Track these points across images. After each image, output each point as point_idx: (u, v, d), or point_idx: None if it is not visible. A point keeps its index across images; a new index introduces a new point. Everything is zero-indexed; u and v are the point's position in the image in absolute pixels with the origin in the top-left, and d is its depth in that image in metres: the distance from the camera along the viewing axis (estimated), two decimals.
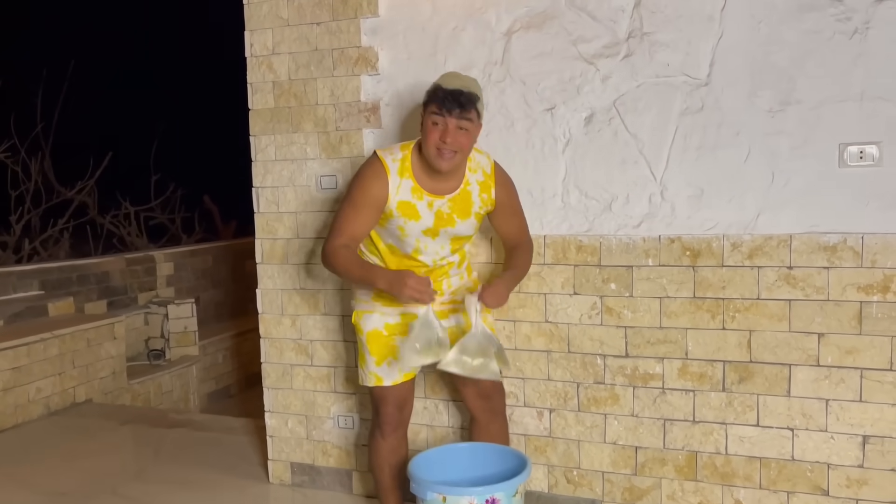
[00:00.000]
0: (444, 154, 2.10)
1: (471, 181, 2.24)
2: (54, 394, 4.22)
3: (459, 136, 2.09)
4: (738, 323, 2.35)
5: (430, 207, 2.20)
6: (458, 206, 2.23)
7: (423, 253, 2.26)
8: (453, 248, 2.29)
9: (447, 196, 2.21)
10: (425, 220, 2.21)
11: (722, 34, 2.32)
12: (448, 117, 2.08)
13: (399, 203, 2.19)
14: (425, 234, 2.23)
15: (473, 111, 2.11)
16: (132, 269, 5.55)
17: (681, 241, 2.41)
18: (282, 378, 3.01)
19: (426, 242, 2.24)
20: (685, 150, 2.39)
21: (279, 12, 2.84)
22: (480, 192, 2.25)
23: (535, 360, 2.60)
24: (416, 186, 2.19)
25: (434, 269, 2.29)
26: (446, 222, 2.23)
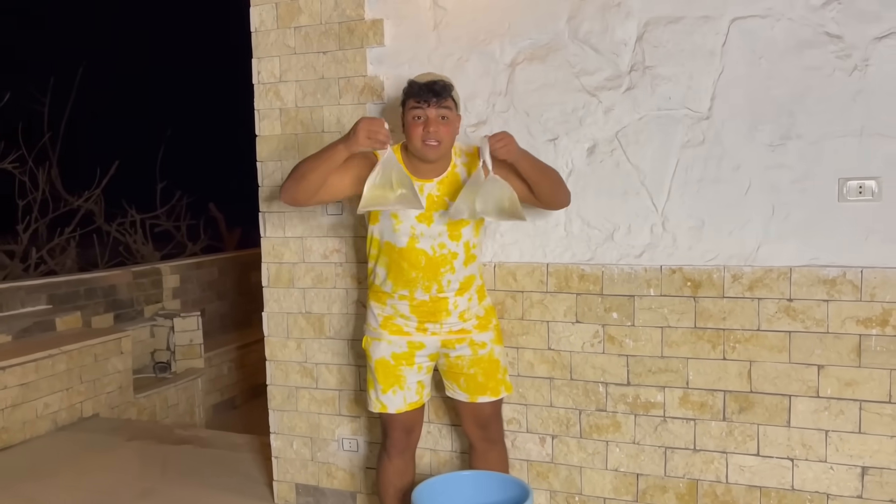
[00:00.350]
0: (429, 143, 2.19)
1: (457, 164, 2.32)
2: (62, 409, 4.27)
3: (441, 126, 2.19)
4: (738, 353, 2.38)
5: (421, 192, 2.25)
6: (448, 189, 2.28)
7: (419, 241, 2.28)
8: (451, 232, 2.28)
9: (436, 179, 2.28)
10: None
11: (723, 69, 2.35)
12: (427, 108, 2.17)
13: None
14: (419, 219, 2.27)
15: (450, 99, 2.21)
16: (138, 281, 5.60)
17: (682, 271, 2.43)
18: (287, 400, 3.04)
19: (421, 229, 2.27)
20: (686, 182, 2.42)
21: (286, 41, 2.88)
22: (468, 171, 2.29)
23: (538, 386, 2.63)
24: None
25: (435, 258, 2.28)
26: (438, 205, 2.27)
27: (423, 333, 2.35)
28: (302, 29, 2.85)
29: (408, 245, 2.28)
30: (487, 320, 2.40)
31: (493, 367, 2.39)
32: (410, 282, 2.31)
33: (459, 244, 2.31)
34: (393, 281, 2.33)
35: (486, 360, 2.38)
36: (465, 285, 2.35)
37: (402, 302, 2.34)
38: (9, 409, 3.96)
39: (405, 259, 2.29)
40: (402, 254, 2.30)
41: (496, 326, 2.44)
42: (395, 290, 2.33)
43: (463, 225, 2.30)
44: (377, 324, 2.39)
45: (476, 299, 2.40)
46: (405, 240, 2.28)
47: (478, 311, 2.40)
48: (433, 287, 2.31)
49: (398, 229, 2.28)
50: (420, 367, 2.38)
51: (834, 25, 2.22)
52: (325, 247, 2.90)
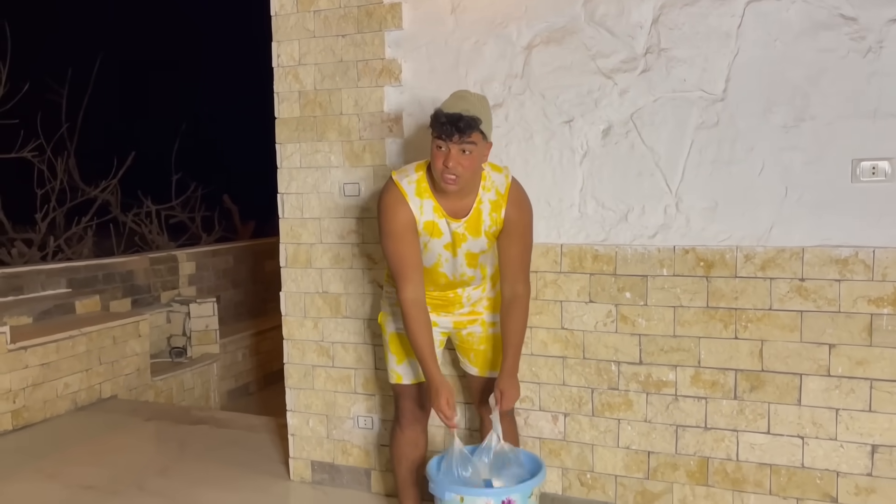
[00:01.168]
0: (447, 179, 2.13)
1: (483, 200, 2.25)
2: (81, 389, 4.34)
3: (462, 160, 2.10)
4: (750, 333, 2.41)
5: (449, 226, 2.27)
6: (472, 226, 2.28)
7: (442, 265, 2.34)
8: (469, 262, 2.34)
9: (462, 219, 2.26)
10: (445, 236, 2.29)
11: (738, 51, 2.37)
12: (449, 142, 2.10)
13: (425, 224, 2.25)
14: (446, 248, 2.31)
15: (476, 134, 2.10)
16: (155, 268, 5.67)
17: (695, 251, 2.46)
18: (304, 378, 3.10)
19: (447, 256, 2.32)
20: (700, 163, 2.45)
21: (306, 24, 2.93)
22: (491, 210, 2.26)
23: (551, 365, 2.67)
24: (437, 206, 2.24)
25: (454, 280, 2.37)
26: (462, 239, 2.30)
27: (436, 314, 2.41)
28: (321, 12, 2.90)
29: (432, 267, 2.33)
30: (498, 300, 2.43)
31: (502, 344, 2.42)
32: (426, 293, 2.34)
33: (476, 269, 2.37)
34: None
35: (497, 337, 2.42)
36: (478, 286, 2.44)
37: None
38: (30, 389, 4.04)
39: (427, 276, 2.34)
40: (425, 271, 2.33)
41: None
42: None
43: (481, 255, 2.34)
44: (394, 301, 2.44)
45: (489, 286, 2.45)
46: (430, 263, 2.33)
47: (489, 293, 2.45)
48: (449, 295, 2.41)
49: (426, 255, 2.30)
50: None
51: (849, 7, 2.24)
52: (342, 227, 2.95)
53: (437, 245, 2.29)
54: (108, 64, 8.94)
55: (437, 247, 2.29)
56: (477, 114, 2.11)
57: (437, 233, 2.27)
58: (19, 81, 7.29)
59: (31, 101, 7.46)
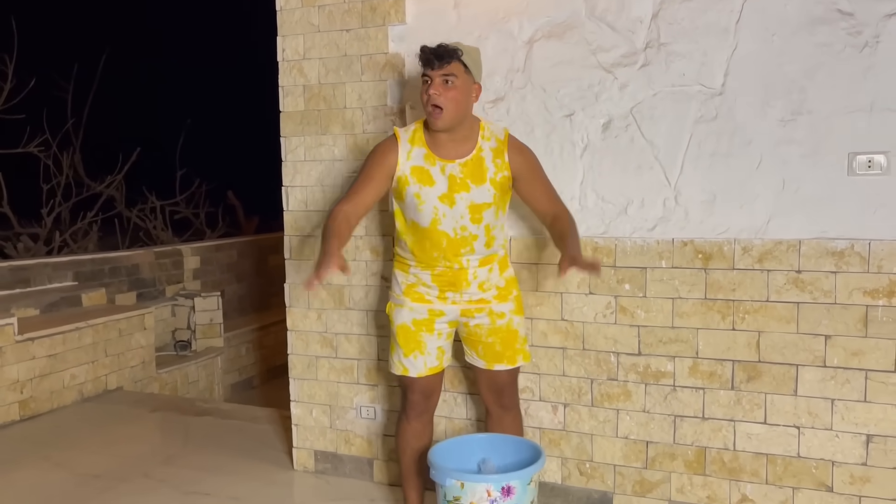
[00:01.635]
0: (433, 111, 2.21)
1: (484, 148, 2.31)
2: (87, 381, 4.39)
3: (445, 90, 2.20)
4: (747, 324, 2.44)
5: (443, 172, 2.29)
6: (472, 172, 2.29)
7: (441, 222, 2.32)
8: (472, 216, 2.31)
9: (458, 161, 2.29)
10: (439, 185, 2.29)
11: (736, 46, 2.40)
12: (431, 72, 2.21)
13: (413, 168, 2.30)
14: (441, 200, 2.30)
15: (455, 63, 2.21)
16: (160, 262, 5.72)
17: (693, 244, 2.50)
18: (307, 369, 3.14)
19: (444, 210, 2.31)
20: (699, 156, 2.48)
21: (310, 19, 2.97)
22: (494, 157, 2.30)
23: (551, 356, 2.71)
24: (428, 153, 2.31)
25: (456, 239, 2.34)
26: (461, 186, 2.29)
27: (443, 302, 2.41)
28: (325, 7, 2.94)
29: (430, 226, 2.33)
30: (508, 291, 2.45)
31: (511, 336, 2.44)
32: (432, 260, 2.38)
33: (480, 227, 2.34)
34: (416, 256, 2.40)
35: (505, 329, 2.43)
36: (485, 261, 2.41)
37: (425, 272, 2.40)
38: (37, 380, 4.09)
39: (428, 238, 2.36)
40: (425, 233, 2.35)
41: (517, 298, 2.47)
42: (418, 262, 2.41)
43: (485, 208, 2.33)
44: (400, 291, 2.46)
45: (497, 270, 2.43)
46: (428, 220, 2.33)
47: (498, 281, 2.43)
48: (454, 265, 2.38)
49: (422, 209, 2.32)
50: (440, 334, 2.45)
51: (845, 3, 2.27)
52: None
53: (432, 196, 2.29)
54: (114, 59, 8.98)
55: (432, 198, 2.29)
56: (458, 47, 2.23)
57: (429, 180, 2.29)
58: (26, 77, 7.35)
59: (37, 97, 7.51)
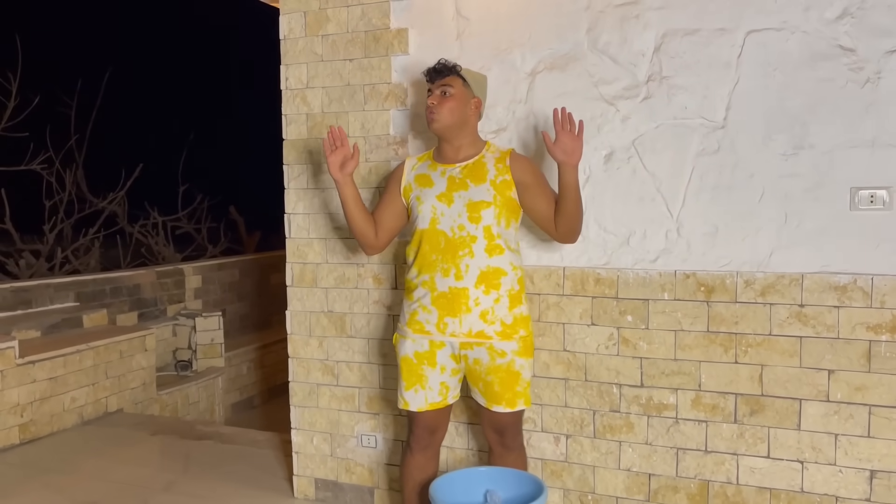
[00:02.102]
0: (429, 117, 2.38)
1: (486, 156, 2.43)
2: (88, 403, 4.38)
3: (443, 100, 2.37)
4: (750, 357, 2.44)
5: (443, 175, 2.41)
6: (472, 173, 2.39)
7: (439, 221, 2.37)
8: (471, 215, 2.32)
9: (458, 164, 2.42)
10: (438, 185, 2.40)
11: (738, 80, 2.41)
12: (432, 84, 2.41)
13: (416, 177, 2.47)
14: (439, 199, 2.38)
15: (453, 77, 2.40)
16: (162, 281, 5.72)
17: (696, 276, 2.50)
18: (308, 397, 3.13)
19: (441, 209, 2.37)
20: (701, 189, 2.48)
21: (314, 48, 2.98)
22: (496, 162, 2.41)
23: (553, 387, 2.70)
24: (432, 163, 2.48)
25: (454, 240, 2.33)
26: (459, 186, 2.37)
27: (441, 333, 2.37)
28: (329, 37, 2.95)
29: (429, 226, 2.39)
30: (514, 329, 2.35)
31: (511, 378, 2.36)
32: (431, 265, 2.36)
33: (479, 227, 2.32)
34: (418, 268, 2.41)
35: (505, 370, 2.35)
36: (487, 278, 2.31)
37: (426, 292, 2.37)
38: (37, 403, 4.08)
39: (427, 241, 2.39)
40: (425, 235, 2.39)
41: (525, 338, 2.38)
42: (420, 276, 2.40)
43: (483, 207, 2.33)
44: (405, 321, 2.46)
45: (506, 304, 2.34)
46: (427, 220, 2.39)
47: (504, 316, 2.34)
48: (451, 270, 2.32)
49: (421, 210, 2.41)
50: (443, 369, 2.41)
51: (847, 39, 2.28)
52: (348, 248, 2.99)
53: (429, 196, 2.39)
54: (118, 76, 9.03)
55: (430, 197, 2.39)
56: (459, 66, 2.43)
57: (429, 182, 2.42)
58: (29, 94, 7.38)
59: (41, 114, 7.55)
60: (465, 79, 2.41)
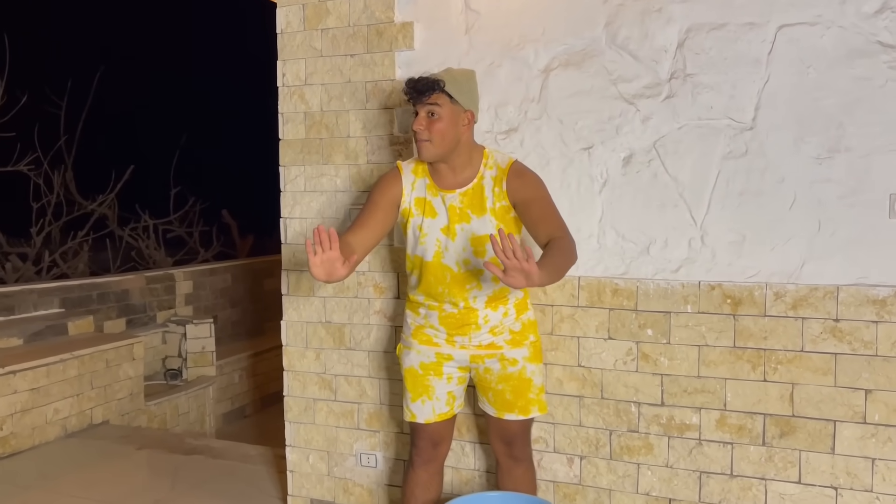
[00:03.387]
0: (419, 143, 2.14)
1: (485, 176, 2.20)
2: (72, 415, 4.19)
3: (431, 124, 2.12)
4: (780, 375, 2.28)
5: (444, 203, 2.20)
6: (472, 201, 2.18)
7: (444, 256, 2.21)
8: (476, 249, 2.18)
9: (458, 190, 2.19)
10: (441, 216, 2.20)
11: (768, 78, 2.26)
12: (416, 106, 2.14)
13: (416, 200, 2.23)
14: (444, 232, 2.20)
15: (438, 94, 2.10)
16: (151, 287, 5.53)
17: (721, 288, 2.34)
18: (304, 412, 2.95)
19: (446, 243, 2.20)
20: (727, 194, 2.33)
21: (313, 43, 2.81)
22: (493, 185, 2.18)
23: (567, 405, 2.53)
24: (431, 184, 2.23)
25: (460, 274, 2.20)
26: (461, 217, 2.18)
27: (451, 346, 2.26)
28: (329, 31, 2.79)
29: (434, 259, 2.21)
30: (523, 336, 2.28)
31: (523, 385, 2.27)
32: (438, 296, 2.24)
33: (485, 260, 2.18)
34: (423, 292, 2.28)
35: (516, 377, 2.26)
36: (496, 298, 2.24)
37: (432, 312, 2.27)
38: (18, 415, 3.89)
39: (432, 273, 2.23)
40: (429, 268, 2.23)
41: (533, 344, 2.30)
42: (426, 301, 2.27)
43: (487, 241, 2.17)
44: (409, 333, 2.33)
45: (514, 314, 2.27)
46: (431, 254, 2.22)
47: (513, 325, 2.27)
48: (460, 303, 2.23)
49: (424, 242, 2.22)
50: (450, 378, 2.30)
51: (887, 34, 2.13)
52: None
53: (434, 228, 2.20)
54: (109, 76, 8.85)
55: (434, 230, 2.20)
56: (442, 78, 2.12)
57: (431, 212, 2.21)
58: (17, 93, 7.19)
59: (28, 114, 7.36)
60: (452, 94, 2.12)
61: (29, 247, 7.45)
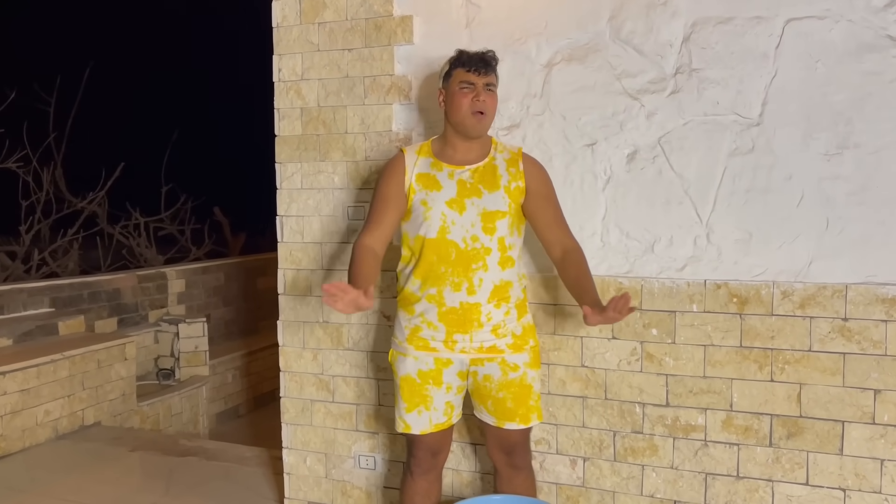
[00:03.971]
0: (478, 116, 2.11)
1: (496, 158, 2.19)
2: (63, 416, 4.12)
3: (490, 97, 2.14)
4: (787, 375, 2.24)
5: (451, 177, 2.15)
6: (484, 177, 2.15)
7: (450, 230, 2.13)
8: (485, 225, 2.12)
9: (468, 167, 2.16)
10: (447, 189, 2.14)
11: (776, 73, 2.22)
12: (478, 77, 2.12)
13: (418, 175, 2.18)
14: (450, 205, 2.12)
15: (495, 74, 2.17)
16: (143, 286, 5.46)
17: (727, 286, 2.30)
18: (301, 414, 2.90)
19: (452, 217, 2.12)
20: (733, 192, 2.29)
21: (309, 37, 2.75)
22: (508, 166, 2.18)
23: (570, 405, 2.49)
24: (435, 161, 2.19)
25: (467, 251, 2.12)
26: (471, 192, 2.13)
27: (450, 349, 2.18)
28: (326, 25, 2.73)
29: (438, 235, 2.13)
30: (524, 340, 2.21)
31: (524, 392, 2.20)
32: (439, 277, 2.14)
33: (493, 239, 2.13)
34: (421, 278, 2.17)
35: (518, 384, 2.19)
36: (500, 292, 2.15)
37: (431, 306, 2.16)
38: (8, 416, 3.81)
39: (434, 251, 2.14)
40: (432, 245, 2.14)
41: (534, 349, 2.24)
42: (424, 288, 2.17)
43: (499, 217, 2.13)
44: (403, 337, 2.23)
45: (515, 315, 2.20)
46: (435, 229, 2.14)
47: (515, 328, 2.20)
48: (463, 285, 2.13)
49: (428, 216, 2.14)
50: (449, 387, 2.21)
51: None
52: (345, 253, 2.76)
53: (438, 201, 2.13)
54: (99, 72, 8.74)
55: (439, 203, 2.13)
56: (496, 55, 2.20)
57: (435, 185, 2.16)
58: (6, 89, 7.09)
59: (17, 110, 7.25)
60: (498, 76, 2.21)
61: (18, 245, 7.35)
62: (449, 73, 2.17)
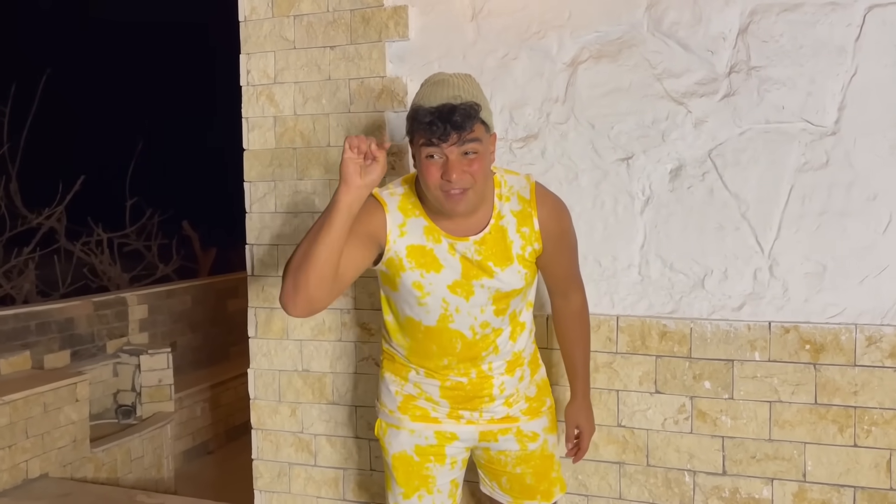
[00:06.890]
0: (453, 196, 1.54)
1: (503, 213, 1.66)
2: (2, 470, 3.60)
3: (468, 166, 1.52)
4: (874, 439, 1.86)
5: (453, 252, 1.64)
6: (494, 249, 1.64)
7: (454, 319, 1.67)
8: (497, 308, 1.68)
9: (472, 237, 1.64)
10: (449, 270, 1.64)
11: (856, 71, 1.85)
12: (446, 146, 1.51)
13: (409, 248, 1.64)
14: (453, 291, 1.65)
15: (478, 126, 1.53)
16: (100, 313, 4.95)
17: (798, 330, 1.90)
18: (277, 480, 2.45)
19: (457, 304, 1.65)
20: (803, 215, 1.91)
21: (284, 32, 2.32)
22: (519, 225, 1.66)
23: (604, 473, 2.08)
24: (430, 226, 1.64)
25: (475, 340, 1.70)
26: (479, 271, 1.64)
27: (455, 422, 1.76)
28: (304, 18, 2.30)
29: (438, 324, 1.68)
30: (540, 401, 1.81)
31: (545, 464, 1.81)
32: (441, 368, 1.73)
33: (505, 318, 1.71)
34: (417, 363, 1.75)
35: (538, 455, 1.79)
36: (513, 362, 1.76)
37: (431, 382, 1.75)
38: None
39: (434, 341, 1.70)
40: (430, 335, 1.70)
41: (551, 408, 1.84)
42: (418, 368, 1.76)
43: (514, 296, 1.68)
44: (395, 405, 1.78)
45: (528, 375, 1.80)
46: (435, 318, 1.67)
47: (528, 390, 1.80)
48: (472, 372, 1.73)
49: (425, 303, 1.66)
50: (454, 463, 1.79)
51: None
52: None
53: (440, 285, 1.64)
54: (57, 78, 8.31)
55: (440, 288, 1.64)
56: (471, 98, 1.52)
57: (434, 265, 1.64)
58: None
59: None
60: (485, 119, 1.55)
61: None
62: (411, 134, 1.58)
